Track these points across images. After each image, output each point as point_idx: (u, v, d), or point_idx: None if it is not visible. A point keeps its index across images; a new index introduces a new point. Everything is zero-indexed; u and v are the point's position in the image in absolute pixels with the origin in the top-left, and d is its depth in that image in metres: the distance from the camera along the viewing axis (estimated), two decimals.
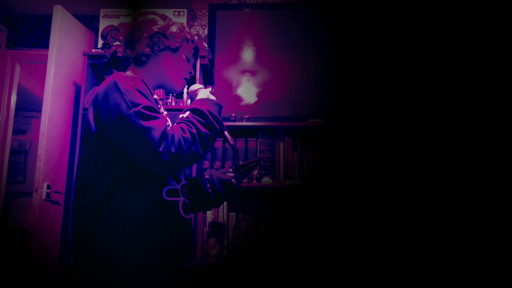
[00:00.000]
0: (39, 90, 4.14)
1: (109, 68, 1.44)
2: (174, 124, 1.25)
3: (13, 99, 3.58)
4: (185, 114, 1.28)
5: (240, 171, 1.53)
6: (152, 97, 1.25)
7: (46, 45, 3.04)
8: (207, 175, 1.53)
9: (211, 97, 1.36)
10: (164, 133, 1.16)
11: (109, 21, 3.03)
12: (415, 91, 2.67)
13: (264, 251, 2.60)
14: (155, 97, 1.30)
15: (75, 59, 3.06)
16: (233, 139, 1.45)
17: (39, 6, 3.39)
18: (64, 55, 2.95)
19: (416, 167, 2.54)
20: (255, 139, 2.82)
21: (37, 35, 3.49)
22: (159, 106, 1.29)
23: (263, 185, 2.69)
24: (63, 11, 2.96)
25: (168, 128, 1.19)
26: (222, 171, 1.55)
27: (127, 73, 1.31)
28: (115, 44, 1.47)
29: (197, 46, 1.46)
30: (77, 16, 3.23)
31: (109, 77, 1.25)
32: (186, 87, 2.78)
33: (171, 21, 1.42)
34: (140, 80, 1.25)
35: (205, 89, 1.42)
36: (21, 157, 4.83)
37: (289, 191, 2.81)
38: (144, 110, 1.16)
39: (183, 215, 1.30)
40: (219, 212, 2.65)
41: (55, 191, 2.83)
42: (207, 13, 3.19)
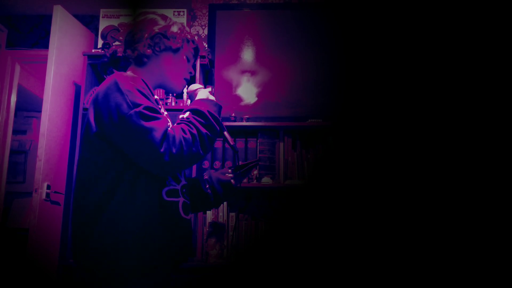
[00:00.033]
0: (39, 90, 4.13)
1: (109, 67, 1.44)
2: (174, 124, 1.25)
3: (13, 99, 3.58)
4: (185, 114, 1.28)
5: (239, 172, 1.53)
6: (152, 98, 1.25)
7: (46, 45, 3.03)
8: (206, 176, 1.53)
9: (210, 97, 1.36)
10: (165, 134, 1.16)
11: (109, 21, 3.03)
12: (415, 91, 2.67)
13: (264, 251, 2.60)
14: (155, 97, 1.30)
15: (75, 59, 3.06)
16: (233, 139, 1.45)
17: (39, 6, 3.39)
18: (64, 55, 2.95)
19: (416, 167, 2.54)
20: (255, 139, 2.82)
21: (37, 35, 3.49)
22: (160, 106, 1.29)
23: (263, 185, 2.69)
24: (63, 11, 2.96)
25: (169, 129, 1.19)
26: (221, 171, 1.55)
27: (128, 73, 1.30)
28: (115, 44, 1.47)
29: (198, 46, 1.46)
30: (77, 16, 3.23)
31: (109, 77, 1.25)
32: (186, 87, 2.78)
33: (172, 21, 1.41)
34: (141, 80, 1.25)
35: (205, 89, 1.42)
36: (21, 157, 4.83)
37: (289, 191, 2.81)
38: (145, 110, 1.16)
39: (183, 215, 1.29)
40: (219, 212, 2.65)
41: (55, 191, 2.83)
42: (207, 13, 3.19)
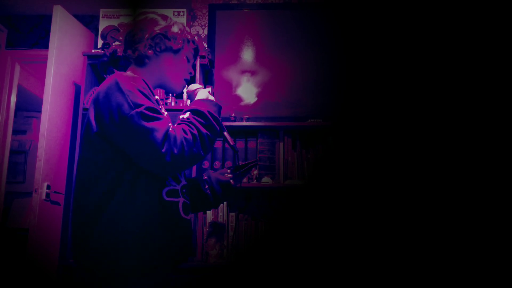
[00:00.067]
0: (39, 90, 4.13)
1: (109, 67, 1.44)
2: (174, 125, 1.25)
3: (13, 99, 3.58)
4: (185, 115, 1.28)
5: (238, 172, 1.53)
6: (153, 98, 1.25)
7: (46, 45, 3.03)
8: (205, 176, 1.53)
9: (210, 98, 1.36)
10: (166, 134, 1.16)
11: (109, 21, 3.03)
12: (415, 91, 2.67)
13: (264, 251, 2.59)
14: (156, 97, 1.30)
15: (75, 59, 3.06)
16: (233, 139, 1.45)
17: (39, 6, 3.39)
18: (64, 55, 2.95)
19: (416, 167, 2.54)
20: (255, 139, 2.82)
21: (37, 35, 3.49)
22: (160, 107, 1.29)
23: (263, 185, 2.69)
24: (63, 11, 2.96)
25: (170, 129, 1.19)
26: (220, 172, 1.55)
27: (128, 73, 1.30)
28: (115, 44, 1.46)
29: (198, 46, 1.46)
30: (77, 16, 3.23)
31: (110, 77, 1.24)
32: (186, 87, 2.77)
33: (172, 21, 1.41)
34: (141, 80, 1.25)
35: (204, 89, 1.42)
36: (21, 157, 4.83)
37: (289, 191, 2.81)
38: (146, 111, 1.17)
39: (183, 215, 1.30)
40: (219, 212, 2.65)
41: (55, 191, 2.83)
42: (207, 13, 3.19)
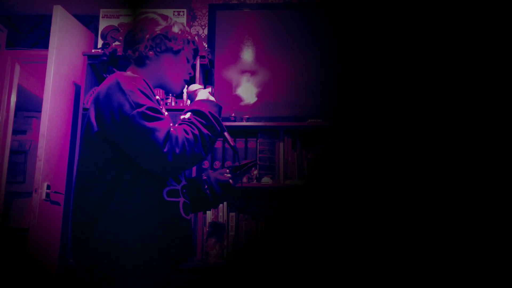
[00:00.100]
0: (39, 90, 4.14)
1: (109, 66, 1.43)
2: (175, 125, 1.25)
3: (13, 99, 3.58)
4: (186, 115, 1.28)
5: (237, 172, 1.53)
6: (154, 98, 1.25)
7: (46, 45, 3.03)
8: (204, 176, 1.53)
9: (211, 98, 1.36)
10: (168, 134, 1.16)
11: (109, 21, 3.03)
12: (415, 91, 2.67)
13: (264, 251, 2.60)
14: (157, 97, 1.30)
15: (75, 59, 3.06)
16: (233, 139, 1.45)
17: (39, 6, 3.39)
18: (64, 55, 2.95)
19: (416, 167, 2.54)
20: (255, 139, 2.82)
21: (37, 35, 3.49)
22: (161, 106, 1.29)
23: (263, 185, 2.69)
24: (63, 11, 2.96)
25: (171, 129, 1.19)
26: (219, 172, 1.55)
27: (128, 73, 1.30)
28: (115, 44, 1.46)
29: (197, 47, 1.46)
30: (77, 16, 3.23)
31: (110, 77, 1.24)
32: (186, 87, 2.78)
33: (172, 21, 1.41)
34: (142, 80, 1.24)
35: (205, 89, 1.42)
36: (21, 157, 4.83)
37: (289, 191, 2.81)
38: (147, 111, 1.16)
39: (184, 215, 1.30)
40: (219, 212, 2.65)
41: (55, 191, 2.83)
42: (207, 13, 3.19)
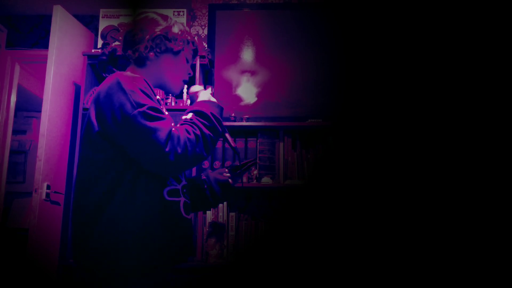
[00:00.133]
0: (39, 90, 4.14)
1: (108, 66, 1.43)
2: (177, 125, 1.25)
3: (13, 99, 3.58)
4: (188, 115, 1.28)
5: (236, 171, 1.53)
6: (155, 98, 1.25)
7: (46, 45, 3.03)
8: (203, 176, 1.53)
9: (212, 99, 1.36)
10: (170, 134, 1.16)
11: (109, 21, 3.03)
12: (415, 91, 2.67)
13: (264, 251, 2.60)
14: (157, 97, 1.30)
15: (75, 59, 3.06)
16: (233, 139, 1.45)
17: (39, 6, 3.39)
18: (64, 55, 2.95)
19: (416, 167, 2.54)
20: (255, 139, 2.82)
21: (37, 35, 3.49)
22: (162, 106, 1.29)
23: (263, 185, 2.69)
24: (63, 11, 2.96)
25: (173, 129, 1.19)
26: (218, 171, 1.56)
27: (128, 73, 1.30)
28: (115, 44, 1.46)
29: (197, 47, 1.46)
30: (77, 16, 3.23)
31: (111, 76, 1.24)
32: (186, 87, 2.78)
33: (172, 21, 1.41)
34: (143, 80, 1.24)
35: (206, 90, 1.42)
36: (21, 157, 4.83)
37: (289, 191, 2.81)
38: (149, 110, 1.16)
39: (184, 215, 1.30)
40: (219, 212, 2.65)
41: (55, 191, 2.83)
42: (207, 13, 3.19)
